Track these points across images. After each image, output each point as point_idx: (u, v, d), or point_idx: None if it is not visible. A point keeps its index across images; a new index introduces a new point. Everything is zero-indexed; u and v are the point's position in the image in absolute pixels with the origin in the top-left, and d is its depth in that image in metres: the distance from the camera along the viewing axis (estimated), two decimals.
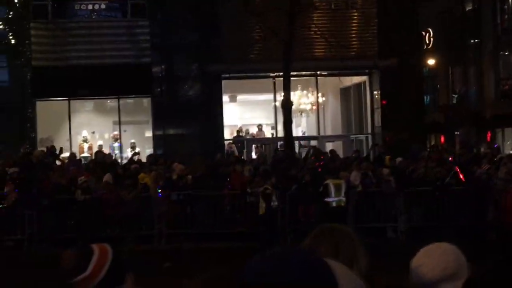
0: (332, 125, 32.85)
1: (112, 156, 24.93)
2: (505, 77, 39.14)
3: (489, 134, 40.80)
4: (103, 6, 29.51)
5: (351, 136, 32.58)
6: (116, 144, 28.59)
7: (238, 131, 31.16)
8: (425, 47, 45.36)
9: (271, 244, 17.09)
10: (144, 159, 23.21)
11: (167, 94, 30.87)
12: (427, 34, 47.09)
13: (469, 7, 43.48)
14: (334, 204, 17.31)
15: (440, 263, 2.99)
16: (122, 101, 29.04)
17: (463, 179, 19.20)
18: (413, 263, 3.03)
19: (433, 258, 3.00)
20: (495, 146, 29.69)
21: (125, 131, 29.00)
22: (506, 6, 41.48)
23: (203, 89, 30.32)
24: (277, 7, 24.19)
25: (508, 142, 40.09)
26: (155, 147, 28.79)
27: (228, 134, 30.68)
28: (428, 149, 26.29)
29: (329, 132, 32.32)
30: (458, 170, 19.61)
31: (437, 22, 46.27)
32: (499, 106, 40.12)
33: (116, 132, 28.88)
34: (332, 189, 17.28)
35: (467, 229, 17.42)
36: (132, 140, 28.30)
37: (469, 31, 41.96)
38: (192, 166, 21.13)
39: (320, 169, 20.63)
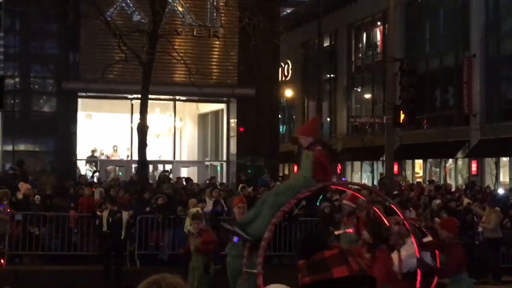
0: (188, 150, 32.99)
1: None
2: (356, 114, 40.93)
3: (339, 167, 42.46)
4: None
5: (207, 162, 32.86)
6: None
7: (92, 151, 30.58)
8: (283, 78, 46.69)
9: (118, 268, 16.88)
10: None
11: (19, 108, 29.83)
12: (286, 66, 48.57)
13: (326, 43, 45.22)
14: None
15: None
16: None
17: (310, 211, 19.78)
18: None
19: None
20: (343, 179, 30.78)
21: None
22: (360, 45, 43.52)
23: (58, 106, 29.55)
24: (138, 30, 24.13)
25: (357, 175, 41.90)
26: (3, 163, 27.71)
27: (82, 154, 29.97)
28: (279, 179, 26.89)
29: (185, 157, 32.41)
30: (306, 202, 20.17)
31: (296, 55, 47.85)
32: (349, 140, 41.85)
33: None
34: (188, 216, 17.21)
35: None
36: None
37: (325, 66, 43.62)
38: (40, 185, 20.53)
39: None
